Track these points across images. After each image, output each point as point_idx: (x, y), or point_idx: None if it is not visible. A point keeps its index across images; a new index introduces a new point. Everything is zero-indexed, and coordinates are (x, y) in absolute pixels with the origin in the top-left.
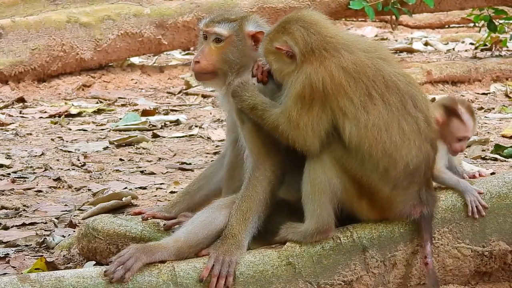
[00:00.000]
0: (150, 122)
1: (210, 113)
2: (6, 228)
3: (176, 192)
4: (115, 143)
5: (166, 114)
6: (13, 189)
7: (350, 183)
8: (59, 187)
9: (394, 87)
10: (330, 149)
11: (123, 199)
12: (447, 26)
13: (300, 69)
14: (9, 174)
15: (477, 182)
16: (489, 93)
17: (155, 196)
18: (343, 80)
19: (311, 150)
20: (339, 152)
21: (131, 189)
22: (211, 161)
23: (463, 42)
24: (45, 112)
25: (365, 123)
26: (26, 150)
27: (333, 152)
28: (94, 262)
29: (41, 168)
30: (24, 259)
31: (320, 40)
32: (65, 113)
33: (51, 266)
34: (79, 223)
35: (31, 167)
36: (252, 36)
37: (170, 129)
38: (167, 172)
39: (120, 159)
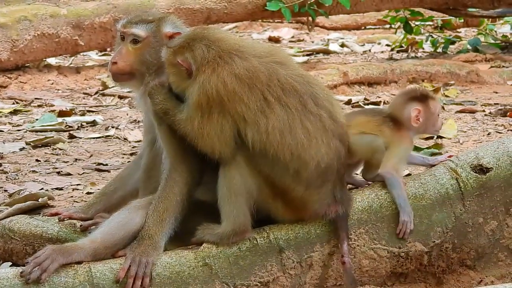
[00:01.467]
0: (66, 123)
1: (127, 114)
2: None
3: (92, 193)
4: (32, 144)
5: (83, 115)
6: None
7: (264, 184)
8: None
9: (291, 89)
10: (243, 151)
11: (40, 200)
12: (363, 28)
13: (195, 80)
14: None
15: None
16: None
17: (72, 197)
18: (236, 86)
19: (222, 157)
20: (251, 155)
21: (47, 190)
22: (128, 162)
23: (379, 43)
24: None
25: (266, 127)
26: None
27: (246, 154)
28: (10, 263)
29: None
30: None
31: (216, 51)
32: None
33: None
34: None
35: None
36: (170, 37)
37: (87, 130)
38: (83, 173)
39: (37, 160)
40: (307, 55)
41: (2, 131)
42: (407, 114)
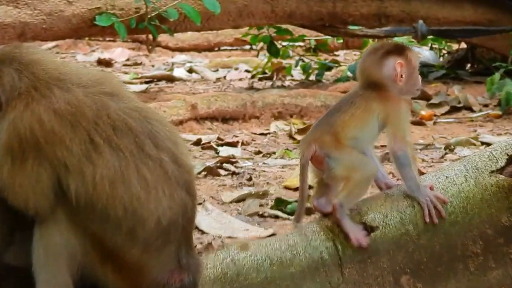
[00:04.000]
0: None
1: None
2: None
3: None
4: None
5: None
6: None
7: (91, 246)
8: None
9: (124, 127)
10: (64, 205)
11: None
12: (217, 49)
13: (4, 116)
14: None
15: (254, 245)
16: (269, 133)
17: None
18: (55, 126)
19: (38, 212)
20: (75, 210)
21: None
22: None
23: (236, 68)
24: None
25: (92, 176)
26: None
27: (69, 209)
28: None
29: None
30: None
31: (31, 80)
32: None
33: None
34: None
35: None
36: None
37: None
38: None
39: None
40: (146, 82)
41: None
42: (388, 71)
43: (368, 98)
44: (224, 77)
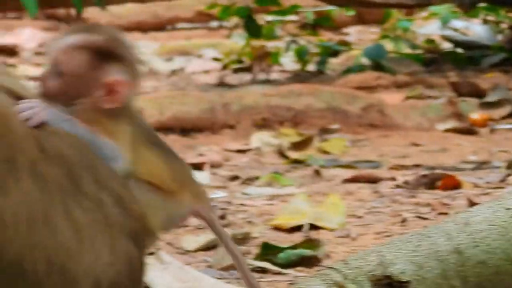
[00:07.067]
0: None
1: None
2: None
3: None
4: None
5: None
6: None
7: None
8: None
9: (55, 152)
10: None
11: None
12: (170, 28)
13: None
14: None
15: None
16: (250, 150)
17: None
18: None
19: None
20: None
21: None
22: None
23: (200, 56)
24: None
25: (2, 212)
26: None
27: None
28: None
29: None
30: None
31: None
32: None
33: None
34: None
35: None
36: None
37: None
38: None
39: None
40: None
41: None
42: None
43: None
44: (183, 68)
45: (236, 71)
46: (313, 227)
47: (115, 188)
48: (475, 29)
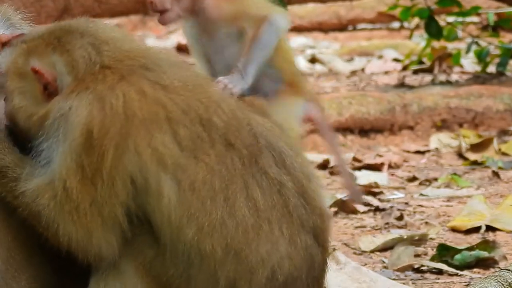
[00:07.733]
0: None
1: None
2: None
3: None
4: None
5: None
6: None
7: None
8: None
9: (241, 128)
10: (134, 249)
11: None
12: (351, 28)
13: (70, 100)
14: None
15: None
16: (429, 151)
17: None
18: (162, 101)
19: (102, 254)
20: (150, 254)
21: None
22: None
23: (380, 57)
24: None
25: (192, 181)
26: None
27: (140, 254)
28: None
29: None
30: None
31: (114, 57)
32: None
33: None
34: None
35: None
36: (3, 43)
37: None
38: None
39: None
40: None
41: None
42: None
43: None
44: (362, 69)
45: (416, 72)
46: (490, 228)
47: (300, 178)
48: None
